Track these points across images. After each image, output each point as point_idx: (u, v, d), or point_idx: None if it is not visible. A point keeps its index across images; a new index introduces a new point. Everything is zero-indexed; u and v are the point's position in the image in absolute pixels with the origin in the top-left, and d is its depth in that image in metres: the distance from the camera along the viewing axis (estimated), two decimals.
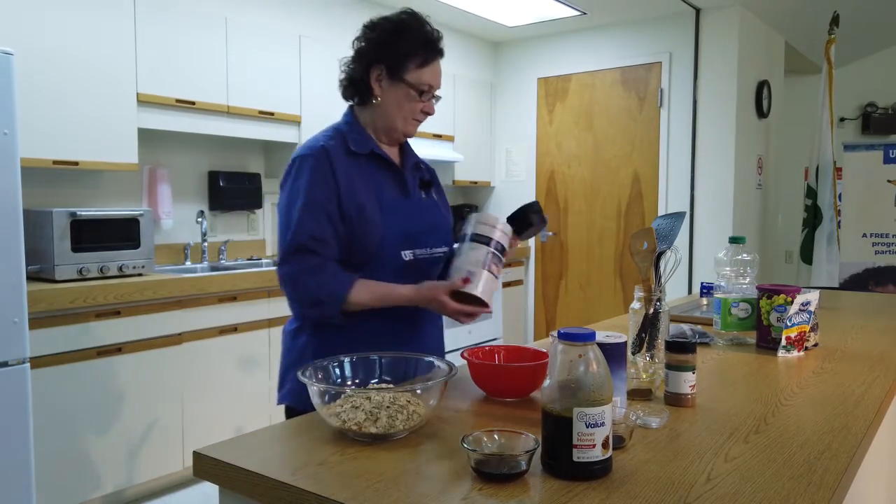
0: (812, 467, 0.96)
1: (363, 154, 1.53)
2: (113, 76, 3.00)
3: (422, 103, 1.54)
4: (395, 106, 1.53)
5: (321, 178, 1.46)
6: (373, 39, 1.53)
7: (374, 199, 1.50)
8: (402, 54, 1.50)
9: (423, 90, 1.52)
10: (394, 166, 1.58)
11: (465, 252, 1.45)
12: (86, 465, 2.71)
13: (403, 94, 1.52)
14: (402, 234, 1.52)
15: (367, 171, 1.53)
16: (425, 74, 1.52)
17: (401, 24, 1.52)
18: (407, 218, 1.55)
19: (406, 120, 1.55)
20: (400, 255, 1.52)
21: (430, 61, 1.52)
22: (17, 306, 2.29)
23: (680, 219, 1.66)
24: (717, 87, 4.61)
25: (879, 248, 5.00)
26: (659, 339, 1.40)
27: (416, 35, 1.51)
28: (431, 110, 1.57)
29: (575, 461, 0.90)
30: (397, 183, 1.58)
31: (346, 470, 0.95)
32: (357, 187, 1.48)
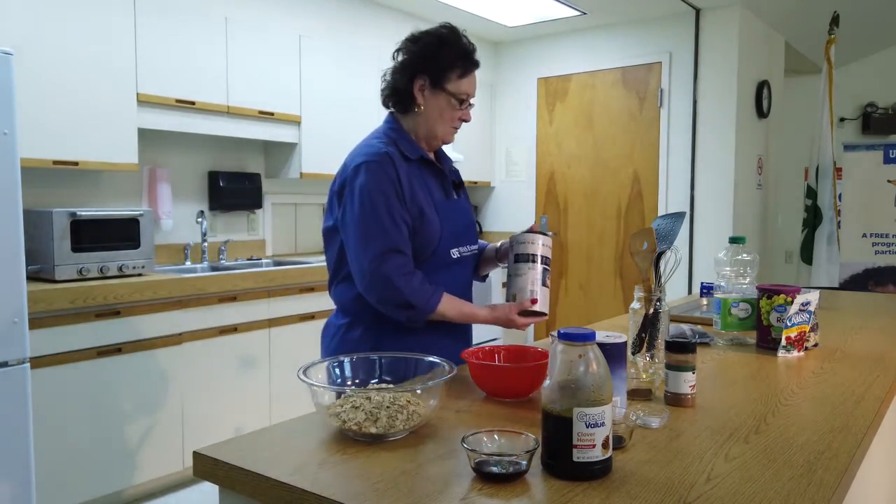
0: (812, 467, 0.96)
1: (414, 159, 1.62)
2: (113, 76, 3.00)
3: (460, 111, 1.65)
4: (436, 114, 1.63)
5: (391, 183, 1.54)
6: (416, 52, 1.62)
7: (430, 201, 1.61)
8: (444, 66, 1.60)
9: (463, 99, 1.63)
10: (440, 170, 1.69)
11: (524, 272, 1.58)
12: (86, 465, 2.71)
13: (445, 102, 1.62)
14: (451, 233, 1.64)
15: (419, 175, 1.62)
16: (464, 84, 1.62)
17: (442, 38, 1.62)
18: (453, 218, 1.66)
19: (446, 127, 1.65)
20: (450, 253, 1.64)
21: (468, 72, 1.63)
22: (17, 306, 2.29)
23: (680, 219, 1.66)
24: (717, 87, 4.61)
25: (879, 248, 5.00)
26: (659, 339, 1.40)
27: (456, 48, 1.61)
28: (468, 117, 1.68)
29: (575, 461, 0.90)
30: (442, 186, 1.69)
31: (346, 470, 0.95)
32: (416, 191, 1.58)
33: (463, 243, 1.70)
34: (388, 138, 1.63)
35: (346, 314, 1.64)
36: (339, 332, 1.65)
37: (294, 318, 3.48)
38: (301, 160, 3.83)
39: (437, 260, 1.62)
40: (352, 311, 1.63)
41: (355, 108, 4.10)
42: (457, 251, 1.67)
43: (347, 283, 1.62)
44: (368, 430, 1.04)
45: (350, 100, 4.06)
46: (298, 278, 3.46)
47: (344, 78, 4.01)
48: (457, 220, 1.68)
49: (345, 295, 1.63)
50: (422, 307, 1.53)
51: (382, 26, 4.59)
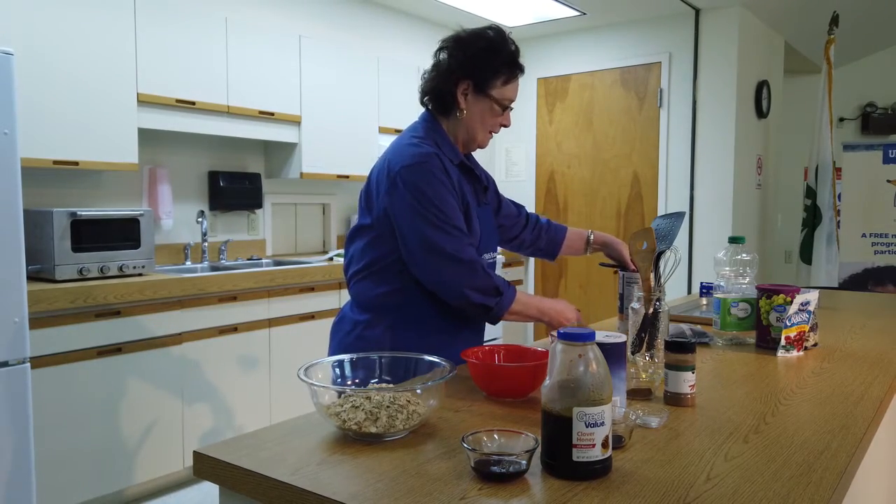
0: (812, 467, 0.96)
1: (455, 164, 1.60)
2: (113, 76, 3.00)
3: (502, 117, 1.63)
4: (478, 119, 1.60)
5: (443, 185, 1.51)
6: (463, 55, 1.57)
7: (470, 205, 1.59)
8: (491, 71, 1.57)
9: (506, 105, 1.61)
10: (476, 176, 1.67)
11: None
12: (86, 465, 2.71)
13: (488, 108, 1.59)
14: (483, 239, 1.63)
15: (458, 179, 1.59)
16: (509, 90, 1.60)
17: (491, 43, 1.57)
18: (483, 225, 1.65)
19: (485, 133, 1.63)
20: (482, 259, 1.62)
21: (513, 78, 1.60)
22: (18, 306, 2.29)
23: (679, 219, 1.66)
24: (716, 87, 4.61)
25: (879, 248, 5.00)
26: (658, 338, 1.40)
27: (504, 54, 1.58)
28: (508, 123, 1.66)
29: (575, 461, 0.90)
30: (476, 191, 1.67)
31: (346, 470, 0.95)
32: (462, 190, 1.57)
33: (488, 250, 1.68)
34: (432, 141, 1.59)
35: (367, 310, 1.60)
36: (356, 328, 1.61)
37: (294, 318, 3.48)
38: (301, 160, 3.83)
39: None
40: (374, 308, 1.59)
41: (355, 108, 4.10)
42: (486, 257, 1.66)
43: (373, 279, 1.59)
44: (368, 430, 1.05)
45: (350, 100, 4.06)
46: (298, 278, 3.46)
47: (344, 78, 4.01)
48: (485, 227, 1.66)
49: (370, 291, 1.59)
50: (508, 293, 1.53)
51: (382, 26, 4.60)
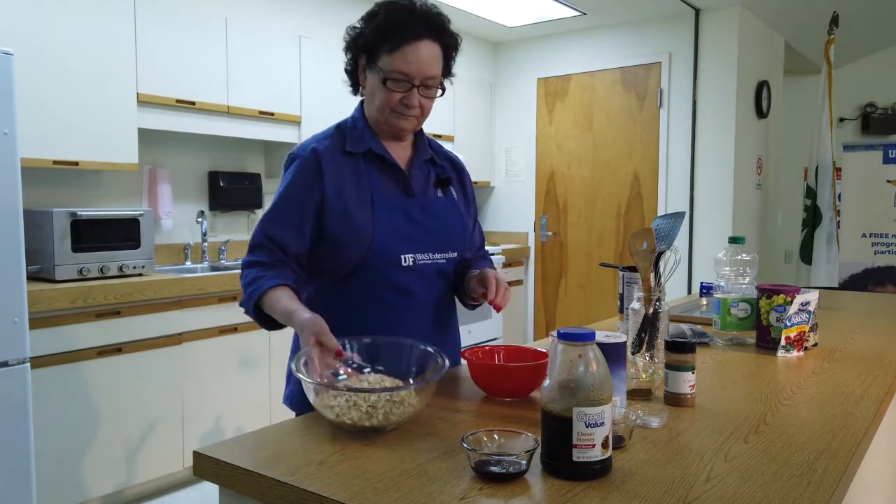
0: (812, 467, 0.96)
1: (359, 153, 1.47)
2: (113, 76, 3.00)
3: (397, 93, 1.41)
4: (371, 96, 1.47)
5: (303, 180, 1.43)
6: (355, 27, 1.48)
7: (366, 200, 1.44)
8: (372, 40, 1.41)
9: (393, 78, 1.40)
10: (393, 165, 1.49)
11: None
12: (86, 465, 2.71)
13: (376, 82, 1.43)
14: (398, 236, 1.44)
15: (363, 170, 1.46)
16: (396, 61, 1.39)
17: (377, 7, 1.44)
18: (407, 219, 1.46)
19: (384, 112, 1.44)
20: (399, 259, 1.44)
21: (399, 47, 1.38)
22: (18, 306, 2.29)
23: (679, 219, 1.66)
24: (716, 87, 4.61)
25: (879, 249, 5.00)
26: (658, 338, 1.40)
27: (385, 18, 1.40)
28: (411, 102, 1.42)
29: (575, 461, 0.90)
30: (399, 183, 1.49)
31: (346, 470, 0.95)
32: (346, 187, 1.43)
33: (423, 249, 1.47)
34: (338, 130, 1.51)
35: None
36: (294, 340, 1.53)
37: None
38: None
39: (378, 266, 1.43)
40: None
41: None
42: (410, 258, 1.45)
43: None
44: (363, 424, 1.05)
45: (350, 100, 4.05)
46: None
47: (344, 78, 4.00)
48: (416, 222, 1.47)
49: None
50: (248, 294, 1.39)
51: None
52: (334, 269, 1.46)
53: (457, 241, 1.55)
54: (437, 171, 1.58)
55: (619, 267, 1.81)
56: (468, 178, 1.67)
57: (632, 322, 1.43)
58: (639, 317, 1.41)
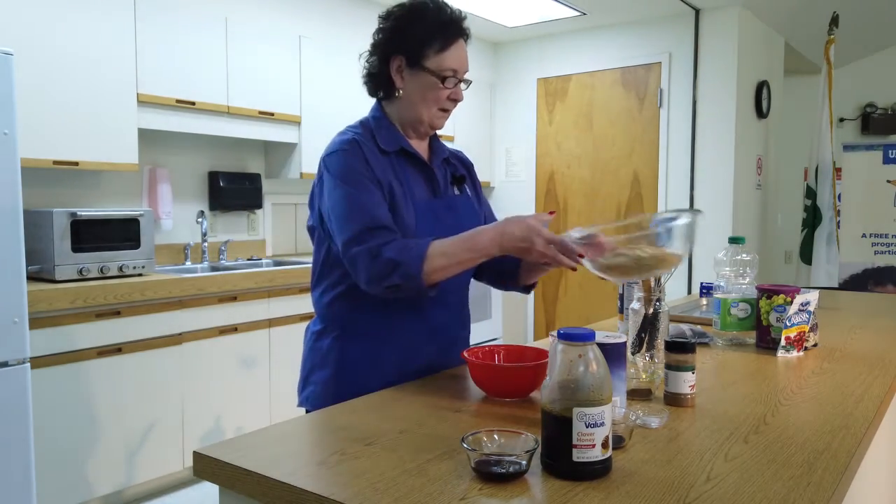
0: (812, 467, 0.96)
1: (392, 151, 1.47)
2: (113, 76, 3.00)
3: (447, 90, 1.46)
4: (418, 97, 1.46)
5: (360, 165, 1.40)
6: (388, 29, 1.46)
7: (406, 197, 1.44)
8: (419, 40, 1.42)
9: (446, 76, 1.44)
10: (424, 164, 1.51)
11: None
12: (86, 465, 2.71)
13: (426, 83, 1.44)
14: (433, 235, 1.43)
15: (397, 168, 1.46)
16: (447, 59, 1.43)
17: (415, 8, 1.44)
18: (438, 219, 1.48)
19: (431, 111, 1.47)
20: None
21: (450, 44, 1.44)
22: (18, 306, 2.29)
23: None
24: (716, 87, 4.61)
25: (879, 249, 5.00)
26: (658, 339, 1.40)
27: (432, 18, 1.43)
28: (459, 97, 1.48)
29: (575, 461, 0.90)
30: (428, 181, 1.51)
31: (346, 470, 0.95)
32: (390, 182, 1.42)
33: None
34: (364, 127, 1.49)
35: (322, 320, 1.52)
36: (311, 340, 1.53)
37: (294, 318, 3.48)
38: (301, 160, 3.84)
39: None
40: (325, 317, 1.51)
41: (355, 109, 4.08)
42: None
43: (321, 285, 1.51)
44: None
45: (350, 100, 4.06)
46: (298, 278, 3.46)
47: (344, 78, 4.01)
48: (444, 221, 1.48)
49: (320, 299, 1.51)
50: (410, 261, 1.32)
51: None
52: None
53: None
54: (451, 169, 1.60)
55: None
56: (474, 172, 1.70)
57: (632, 322, 1.43)
58: (639, 317, 1.41)
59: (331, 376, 1.47)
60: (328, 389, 1.46)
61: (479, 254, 1.35)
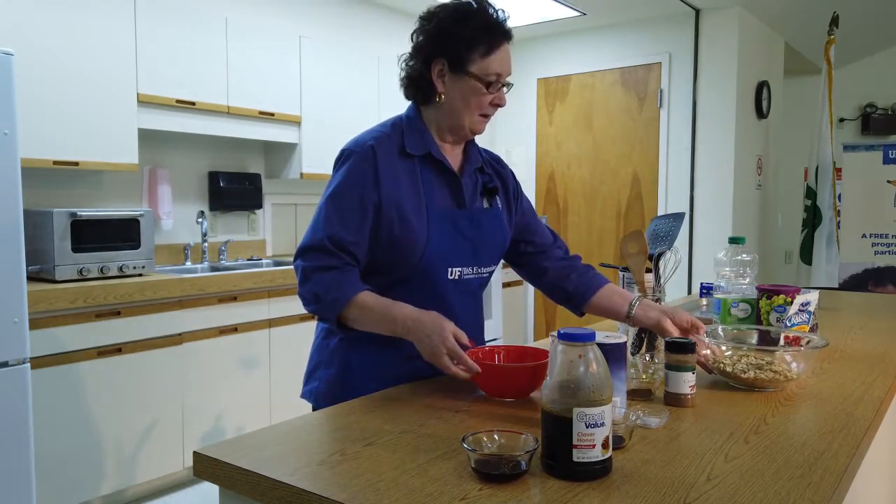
0: (812, 467, 0.96)
1: (418, 156, 1.42)
2: (113, 76, 3.00)
3: (491, 95, 1.40)
4: (461, 102, 1.40)
5: (361, 177, 1.36)
6: (430, 31, 1.40)
7: (420, 206, 1.39)
8: (464, 44, 1.37)
9: (491, 81, 1.39)
10: (451, 172, 1.45)
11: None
12: (86, 465, 2.71)
13: (470, 88, 1.39)
14: (448, 248, 1.41)
15: (420, 174, 1.42)
16: (493, 63, 1.38)
17: (459, 10, 1.38)
18: (457, 231, 1.43)
19: (473, 117, 1.42)
20: (446, 272, 1.42)
21: (495, 48, 1.38)
22: (18, 306, 2.29)
23: (679, 219, 1.66)
24: (716, 87, 4.61)
25: (879, 249, 5.00)
26: (658, 339, 1.40)
27: (477, 20, 1.37)
28: (502, 101, 1.43)
29: (575, 461, 0.90)
30: (452, 190, 1.46)
31: (346, 470, 0.95)
32: (403, 190, 1.38)
33: (468, 262, 1.45)
34: (395, 129, 1.44)
35: None
36: (320, 335, 1.52)
37: (294, 318, 3.48)
38: (301, 160, 3.84)
39: (426, 277, 1.41)
40: None
41: (355, 109, 4.10)
42: (457, 271, 1.43)
43: None
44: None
45: (350, 100, 4.06)
46: None
47: (344, 78, 4.01)
48: (465, 234, 1.43)
49: None
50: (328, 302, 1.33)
51: (382, 27, 4.60)
52: (380, 277, 1.42)
53: (497, 255, 1.54)
54: (483, 178, 1.53)
55: (619, 267, 1.80)
56: (511, 180, 1.62)
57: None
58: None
59: (334, 376, 1.46)
60: (331, 389, 1.47)
61: (390, 326, 1.33)
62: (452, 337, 1.27)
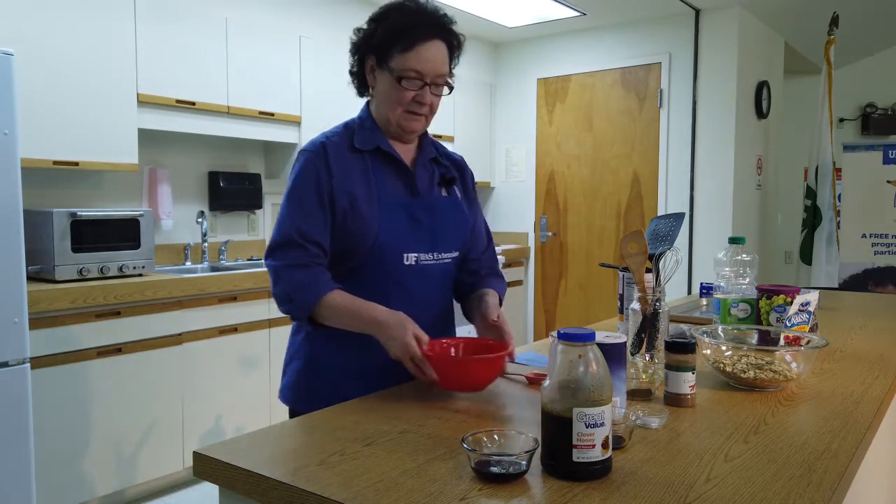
0: (812, 467, 0.96)
1: (367, 151, 1.48)
2: (113, 76, 3.00)
3: (409, 92, 1.43)
4: (384, 98, 1.47)
5: (314, 173, 1.43)
6: (363, 29, 1.50)
7: (371, 196, 1.45)
8: (385, 40, 1.43)
9: (404, 77, 1.42)
10: (402, 164, 1.51)
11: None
12: (86, 465, 2.71)
13: (389, 82, 1.44)
14: (401, 234, 1.46)
15: (370, 168, 1.48)
16: (410, 60, 1.41)
17: (389, 7, 1.46)
18: (412, 218, 1.48)
19: (396, 112, 1.46)
20: (401, 258, 1.46)
21: (413, 45, 1.41)
22: (18, 306, 2.29)
23: (679, 219, 1.66)
24: (716, 87, 4.61)
25: (879, 249, 5.00)
26: (658, 339, 1.40)
27: (401, 17, 1.43)
28: (425, 100, 1.45)
29: (575, 461, 0.90)
30: (405, 181, 1.51)
31: (346, 470, 0.95)
32: (353, 182, 1.44)
33: (426, 248, 1.49)
34: (346, 128, 1.52)
35: None
36: (292, 331, 1.57)
37: None
38: None
39: (382, 264, 1.45)
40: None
41: (355, 109, 4.08)
42: (413, 256, 1.47)
43: None
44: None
45: (350, 100, 4.04)
46: None
47: (344, 78, 4.00)
48: (420, 221, 1.48)
49: None
50: (299, 300, 1.38)
51: None
52: (337, 265, 1.46)
53: (460, 241, 1.58)
54: (440, 170, 1.59)
55: (619, 267, 1.80)
56: (471, 178, 1.68)
57: (632, 322, 1.43)
58: (639, 317, 1.41)
59: (301, 369, 1.51)
60: (298, 381, 1.51)
61: (360, 325, 1.38)
62: (414, 340, 1.29)
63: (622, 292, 1.78)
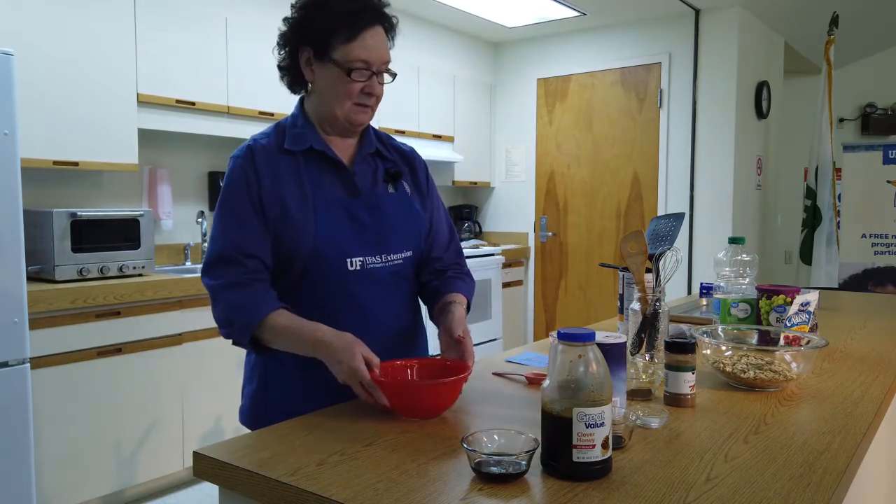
0: (812, 467, 0.96)
1: (300, 151, 1.37)
2: (113, 76, 3.00)
3: (358, 83, 1.33)
4: (329, 91, 1.35)
5: (244, 179, 1.33)
6: (294, 18, 1.37)
7: (305, 200, 1.33)
8: (324, 31, 1.32)
9: (354, 68, 1.32)
10: (338, 163, 1.39)
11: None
12: (86, 465, 2.71)
13: (334, 76, 1.33)
14: (343, 238, 1.34)
15: (304, 169, 1.36)
16: (355, 49, 1.31)
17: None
18: (353, 219, 1.36)
19: (345, 106, 1.35)
20: (344, 263, 1.34)
21: (358, 33, 1.31)
22: (18, 306, 2.29)
23: (679, 219, 1.66)
24: (716, 87, 4.62)
25: (879, 249, 5.00)
26: (658, 339, 1.40)
27: (338, 5, 1.32)
28: (375, 91, 1.35)
29: (575, 461, 0.90)
30: (343, 181, 1.39)
31: (346, 470, 0.95)
32: (284, 187, 1.33)
33: (372, 251, 1.37)
34: (277, 128, 1.41)
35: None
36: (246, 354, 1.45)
37: None
38: None
39: (323, 271, 1.33)
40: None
41: None
42: (357, 261, 1.35)
43: None
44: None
45: None
46: None
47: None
48: (363, 222, 1.37)
49: None
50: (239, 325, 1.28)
51: None
52: (280, 277, 1.36)
53: (411, 239, 1.45)
54: (386, 165, 1.47)
55: (619, 267, 1.80)
56: (423, 169, 1.55)
57: (632, 322, 1.43)
58: (639, 317, 1.41)
59: (255, 391, 1.42)
60: (253, 405, 1.42)
61: (304, 348, 1.26)
62: (363, 364, 1.18)
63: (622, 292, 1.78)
